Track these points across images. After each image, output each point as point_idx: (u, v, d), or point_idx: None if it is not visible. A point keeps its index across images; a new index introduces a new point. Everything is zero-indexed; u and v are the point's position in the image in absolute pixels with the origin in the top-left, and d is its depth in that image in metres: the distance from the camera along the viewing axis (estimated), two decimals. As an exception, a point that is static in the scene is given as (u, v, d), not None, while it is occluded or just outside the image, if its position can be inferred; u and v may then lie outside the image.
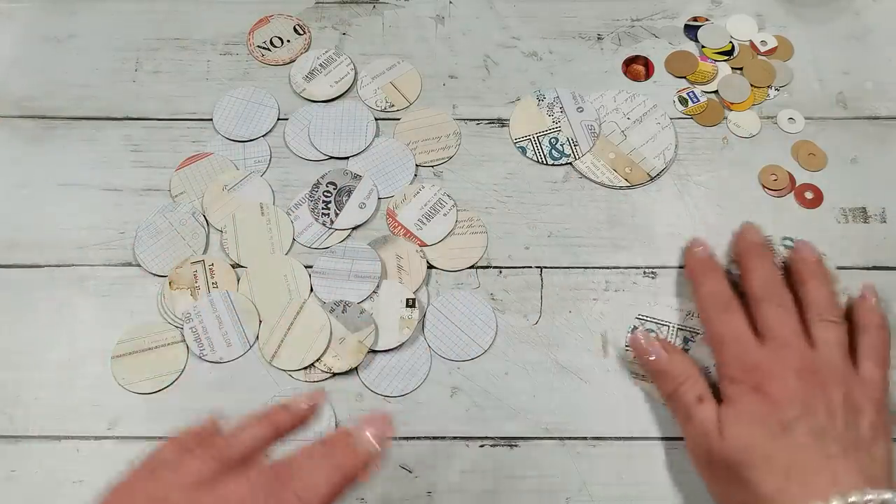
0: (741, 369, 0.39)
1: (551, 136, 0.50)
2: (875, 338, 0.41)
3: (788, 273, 0.44)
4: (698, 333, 0.44)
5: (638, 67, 0.53)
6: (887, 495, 0.35)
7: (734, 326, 0.41)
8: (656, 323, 0.45)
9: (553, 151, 0.50)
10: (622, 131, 0.50)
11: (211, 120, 0.51)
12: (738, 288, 0.42)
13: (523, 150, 0.50)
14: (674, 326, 0.45)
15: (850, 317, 0.42)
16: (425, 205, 0.48)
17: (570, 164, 0.49)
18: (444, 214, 0.48)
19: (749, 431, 0.38)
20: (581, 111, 0.51)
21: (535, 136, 0.50)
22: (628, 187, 0.49)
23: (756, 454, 0.37)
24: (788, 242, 0.47)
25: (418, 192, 0.49)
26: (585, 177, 0.49)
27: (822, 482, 0.36)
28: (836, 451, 0.36)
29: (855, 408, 0.38)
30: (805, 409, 0.37)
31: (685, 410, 0.40)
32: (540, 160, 0.49)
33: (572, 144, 0.50)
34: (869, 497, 0.35)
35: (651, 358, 0.42)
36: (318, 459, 0.30)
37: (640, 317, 0.45)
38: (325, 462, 0.30)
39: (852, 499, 0.35)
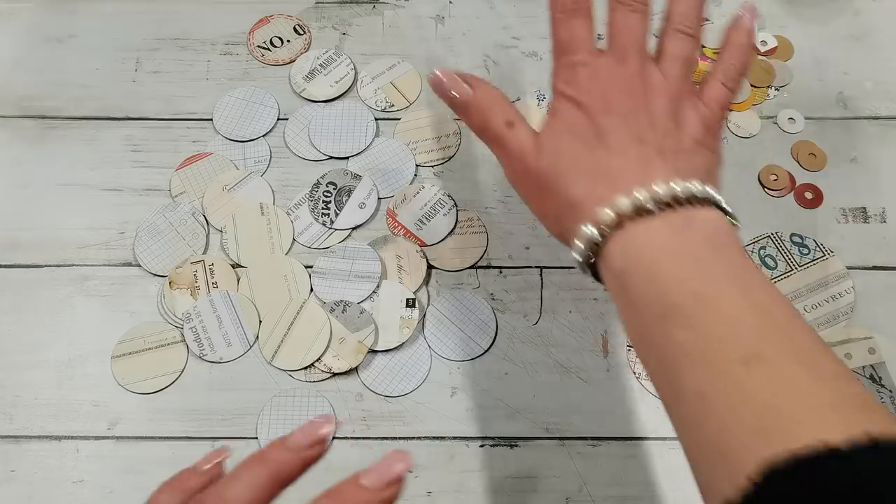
0: (567, 80, 0.36)
1: None
2: (733, 57, 0.38)
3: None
4: None
5: (638, 67, 0.53)
6: (695, 186, 0.33)
7: (575, 32, 0.37)
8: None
9: None
10: None
11: (211, 120, 0.51)
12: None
13: None
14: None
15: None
16: (425, 205, 0.48)
17: None
18: (444, 214, 0.48)
19: (562, 140, 0.35)
20: None
21: None
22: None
23: (567, 161, 0.35)
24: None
25: (418, 192, 0.49)
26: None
27: (630, 180, 0.33)
28: (650, 154, 0.34)
29: (680, 120, 0.35)
30: (623, 118, 0.35)
31: (497, 138, 0.37)
32: None
33: None
34: (676, 187, 0.32)
35: (454, 94, 0.38)
36: None
37: None
38: None
39: (657, 188, 0.32)
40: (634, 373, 0.44)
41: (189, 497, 0.27)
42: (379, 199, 0.49)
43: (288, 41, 0.54)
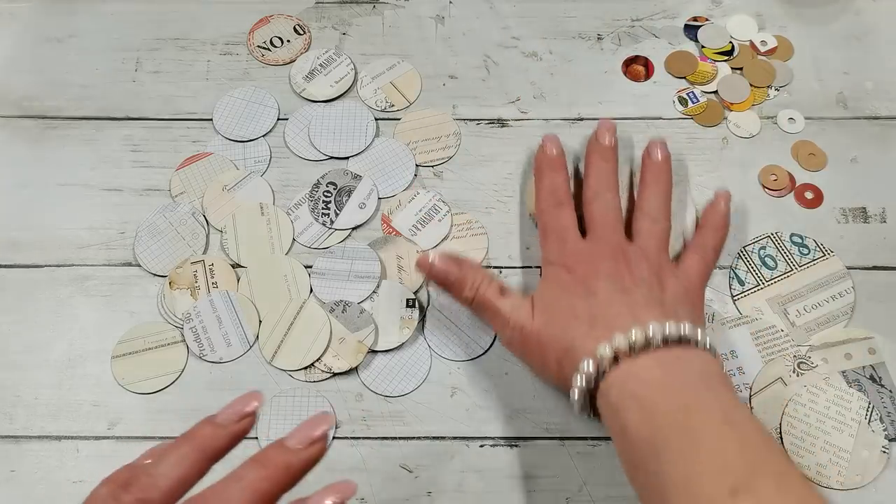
0: (558, 255, 0.42)
1: None
2: (708, 236, 0.44)
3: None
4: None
5: (638, 68, 0.53)
6: (686, 328, 0.37)
7: (562, 221, 0.43)
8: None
9: None
10: None
11: (211, 120, 0.51)
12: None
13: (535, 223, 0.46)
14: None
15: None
16: (420, 210, 0.48)
17: None
18: (439, 220, 0.48)
19: (556, 295, 0.40)
20: None
21: None
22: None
23: (562, 311, 0.39)
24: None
25: (413, 199, 0.49)
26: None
27: (625, 322, 0.37)
28: (640, 301, 0.39)
29: (662, 283, 0.40)
30: (609, 278, 0.40)
31: (491, 307, 0.41)
32: None
33: None
34: (667, 328, 0.36)
35: (447, 273, 0.42)
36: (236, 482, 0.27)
37: None
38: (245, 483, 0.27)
39: (651, 328, 0.36)
40: None
41: (122, 485, 0.27)
42: (379, 199, 0.49)
43: (288, 41, 0.54)
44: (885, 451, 0.41)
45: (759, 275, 0.46)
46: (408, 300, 0.45)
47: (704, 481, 0.31)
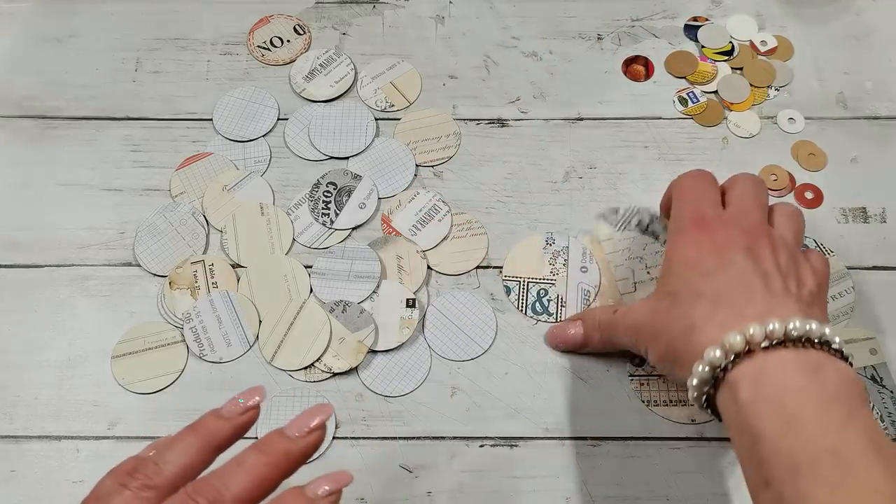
0: (695, 212, 0.38)
1: (542, 287, 0.46)
2: (818, 257, 0.39)
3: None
4: None
5: (638, 67, 0.53)
6: (829, 331, 0.33)
7: (703, 185, 0.39)
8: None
9: (537, 304, 0.45)
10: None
11: (211, 120, 0.51)
12: None
13: (507, 290, 0.46)
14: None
15: None
16: (420, 210, 0.48)
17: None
18: (439, 220, 0.48)
19: (681, 263, 0.36)
20: (585, 272, 0.46)
21: (526, 281, 0.46)
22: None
23: (684, 285, 0.36)
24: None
25: (413, 199, 0.49)
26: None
27: (757, 310, 0.33)
28: (777, 290, 0.34)
29: (799, 275, 0.36)
30: (751, 254, 0.36)
31: (608, 322, 0.41)
32: (520, 308, 0.45)
33: (559, 304, 0.45)
34: (811, 326, 0.32)
35: (572, 332, 0.43)
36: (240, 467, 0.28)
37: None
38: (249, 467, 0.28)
39: (793, 323, 0.32)
40: (643, 401, 0.44)
41: (128, 472, 0.28)
42: (379, 199, 0.49)
43: (288, 41, 0.54)
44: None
45: (760, 275, 0.46)
46: (408, 300, 0.45)
47: None
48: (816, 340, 0.32)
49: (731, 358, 0.32)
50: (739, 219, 0.37)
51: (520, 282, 0.46)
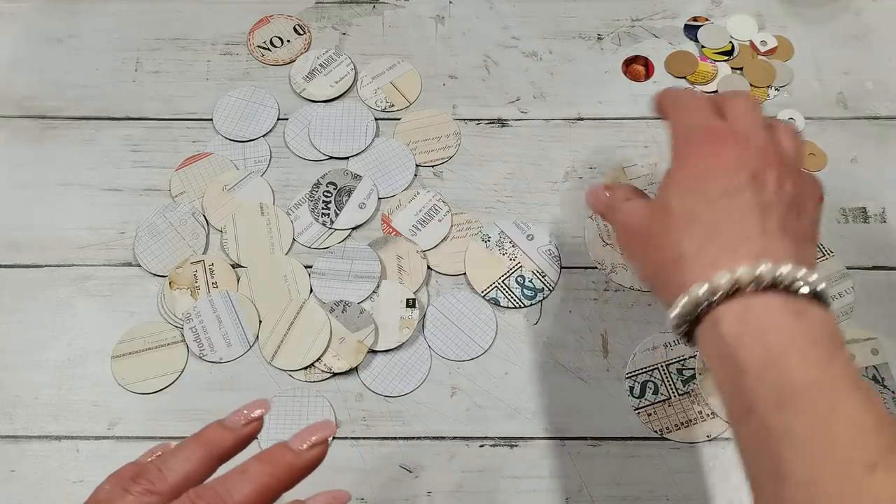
0: (697, 130, 0.36)
1: (516, 275, 0.46)
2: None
3: None
4: None
5: (638, 67, 0.53)
6: (817, 279, 0.32)
7: (701, 98, 0.37)
8: (661, 333, 0.45)
9: (525, 291, 0.45)
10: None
11: (211, 120, 0.51)
12: None
13: (496, 302, 0.45)
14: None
15: None
16: (420, 210, 0.48)
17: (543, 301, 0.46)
18: (439, 220, 0.48)
19: (687, 187, 0.35)
20: (532, 238, 0.47)
21: (501, 280, 0.46)
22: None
23: (679, 207, 0.34)
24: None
25: (413, 199, 0.49)
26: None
27: (752, 249, 0.32)
28: (774, 226, 0.33)
29: (800, 204, 0.35)
30: (754, 182, 0.34)
31: (613, 208, 0.38)
32: (516, 305, 0.45)
33: (540, 276, 0.46)
34: (799, 274, 0.31)
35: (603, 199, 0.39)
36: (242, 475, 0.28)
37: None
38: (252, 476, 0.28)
39: (783, 268, 0.31)
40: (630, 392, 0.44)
41: (131, 478, 0.28)
42: (379, 199, 0.49)
43: (288, 41, 0.54)
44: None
45: (760, 275, 0.46)
46: (408, 300, 0.45)
47: (839, 447, 0.29)
48: (808, 288, 0.32)
49: (716, 297, 0.32)
50: (750, 136, 0.35)
51: (497, 286, 0.46)
